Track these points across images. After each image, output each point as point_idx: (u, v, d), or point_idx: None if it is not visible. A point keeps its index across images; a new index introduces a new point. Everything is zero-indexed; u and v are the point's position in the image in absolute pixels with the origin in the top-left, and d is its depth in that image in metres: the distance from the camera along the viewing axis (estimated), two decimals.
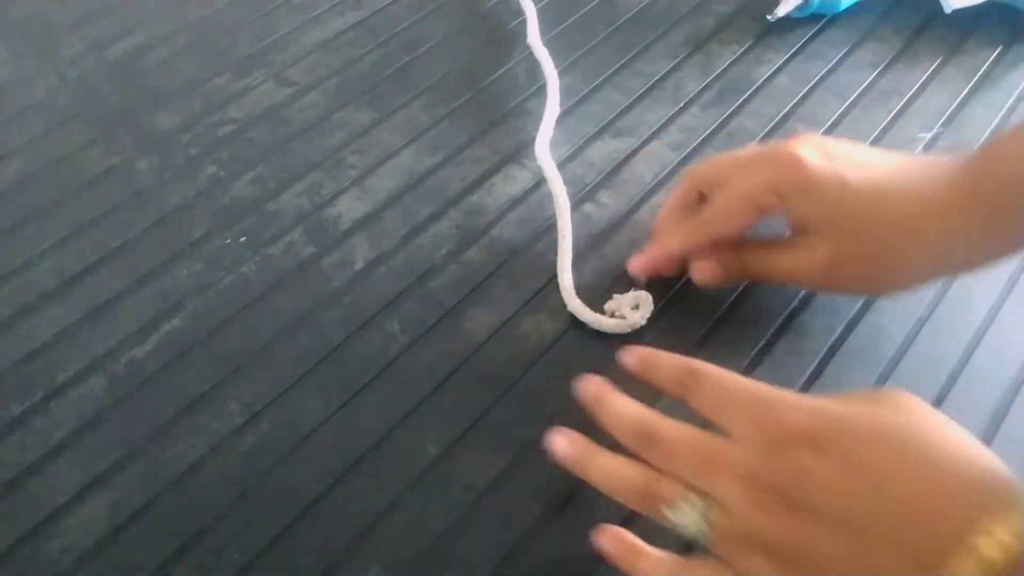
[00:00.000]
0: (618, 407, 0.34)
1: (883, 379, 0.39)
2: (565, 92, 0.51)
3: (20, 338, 0.41)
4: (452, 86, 0.52)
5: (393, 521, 0.35)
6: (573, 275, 0.42)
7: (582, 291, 0.41)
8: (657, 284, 0.42)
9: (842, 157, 0.37)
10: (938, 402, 0.38)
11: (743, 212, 0.38)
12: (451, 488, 0.36)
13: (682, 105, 0.51)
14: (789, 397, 0.31)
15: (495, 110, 0.51)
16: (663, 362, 0.35)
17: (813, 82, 0.51)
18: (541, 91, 0.51)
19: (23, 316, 0.42)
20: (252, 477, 0.36)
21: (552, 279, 0.42)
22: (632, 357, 0.36)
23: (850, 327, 0.41)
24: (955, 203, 0.35)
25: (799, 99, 0.51)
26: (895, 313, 0.41)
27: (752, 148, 0.40)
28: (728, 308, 0.41)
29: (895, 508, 0.27)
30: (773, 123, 0.49)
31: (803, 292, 0.42)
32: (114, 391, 0.39)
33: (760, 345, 0.40)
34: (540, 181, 0.47)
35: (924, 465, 0.27)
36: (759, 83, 0.52)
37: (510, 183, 0.47)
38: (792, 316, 0.41)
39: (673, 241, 0.41)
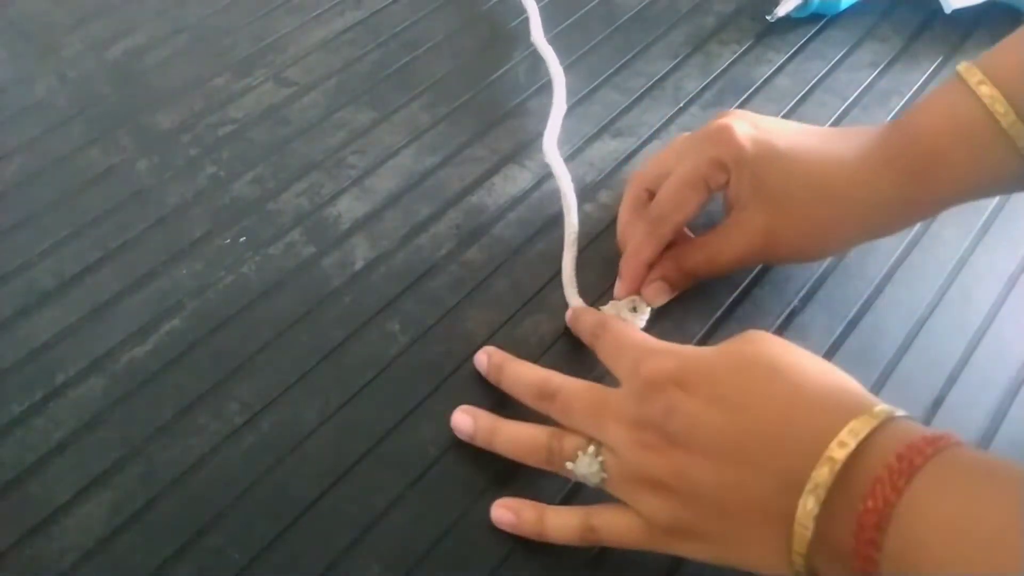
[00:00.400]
0: (520, 371, 0.37)
1: (883, 379, 0.39)
2: (566, 91, 0.51)
3: (20, 338, 0.41)
4: (452, 86, 0.52)
5: (393, 521, 0.35)
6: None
7: (582, 291, 0.41)
8: None
9: (771, 128, 0.39)
10: (938, 402, 0.38)
11: (695, 193, 0.39)
12: (451, 488, 0.36)
13: (682, 105, 0.51)
14: (666, 345, 0.34)
15: (495, 110, 0.51)
16: (585, 316, 0.39)
17: (813, 82, 0.51)
18: (541, 90, 0.51)
19: (23, 316, 0.42)
20: (252, 477, 0.36)
21: (552, 278, 0.42)
22: (569, 314, 0.40)
23: (850, 327, 0.41)
24: (879, 171, 0.37)
25: (799, 99, 0.51)
26: (895, 313, 0.41)
27: (684, 135, 0.43)
28: (727, 309, 0.42)
29: (758, 430, 0.29)
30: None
31: (803, 292, 0.42)
32: (114, 391, 0.39)
33: None
34: (540, 181, 0.47)
35: (781, 388, 0.30)
36: (759, 83, 0.52)
37: (510, 183, 0.47)
38: (792, 316, 0.41)
39: (642, 248, 0.41)
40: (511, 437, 0.36)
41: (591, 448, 0.33)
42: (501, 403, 0.38)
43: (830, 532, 0.27)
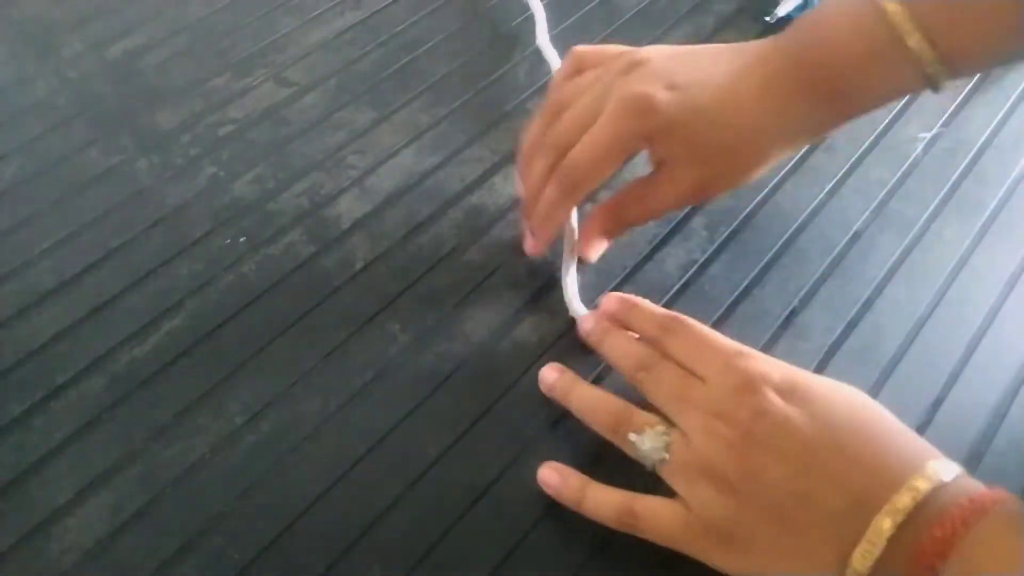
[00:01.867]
0: (623, 342, 0.37)
1: (883, 379, 0.39)
2: None
3: (20, 338, 0.41)
4: (452, 86, 0.52)
5: (393, 521, 0.35)
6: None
7: (581, 291, 0.41)
8: (656, 286, 0.42)
9: (688, 83, 0.37)
10: (938, 402, 0.38)
11: (613, 162, 0.39)
12: (451, 488, 0.36)
13: None
14: (760, 353, 0.34)
15: (495, 110, 0.51)
16: (645, 307, 0.38)
17: None
18: (542, 91, 0.51)
19: (23, 316, 0.42)
20: (252, 477, 0.36)
21: (552, 278, 0.42)
22: (615, 302, 0.39)
23: (850, 327, 0.41)
24: (791, 100, 0.37)
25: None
26: (895, 313, 0.41)
27: (615, 57, 0.40)
28: (728, 308, 0.42)
29: (845, 449, 0.30)
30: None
31: (803, 291, 0.42)
32: (114, 391, 0.39)
33: (760, 345, 0.40)
34: None
35: (875, 425, 0.31)
36: None
37: (510, 183, 0.47)
38: (792, 316, 0.41)
39: (556, 211, 0.40)
40: (585, 398, 0.37)
41: (660, 427, 0.34)
42: (502, 408, 0.38)
43: (888, 555, 0.28)
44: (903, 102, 0.50)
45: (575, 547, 0.34)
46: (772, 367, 0.33)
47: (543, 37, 0.52)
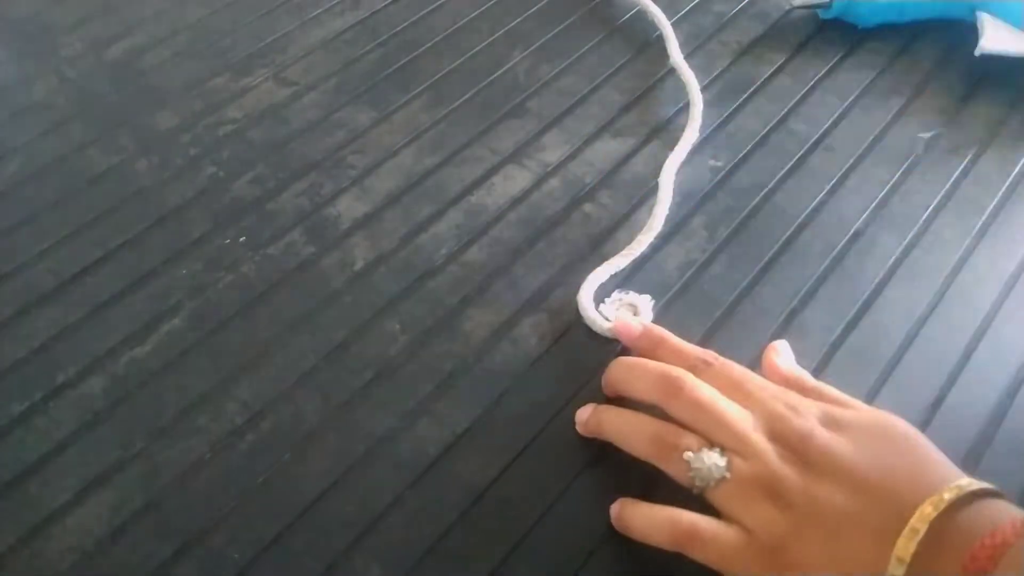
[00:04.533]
0: (646, 365, 0.36)
1: (883, 379, 0.39)
2: (564, 93, 0.51)
3: (20, 338, 0.41)
4: (452, 86, 0.52)
5: (393, 521, 0.35)
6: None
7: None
8: (656, 286, 0.42)
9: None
10: (938, 402, 0.38)
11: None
12: (451, 488, 0.36)
13: (682, 105, 0.50)
14: (796, 393, 0.35)
15: (495, 110, 0.51)
16: (673, 344, 0.38)
17: (813, 82, 0.51)
18: (541, 90, 0.51)
19: (22, 316, 0.41)
20: (252, 477, 0.36)
21: (552, 279, 0.42)
22: (638, 333, 0.39)
23: (850, 327, 0.41)
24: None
25: (799, 99, 0.51)
26: (895, 313, 0.41)
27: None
28: (728, 308, 0.41)
29: (889, 475, 0.31)
30: (773, 122, 0.49)
31: (803, 291, 0.42)
32: (114, 391, 0.39)
33: (761, 345, 0.40)
34: (540, 181, 0.47)
35: (913, 450, 0.32)
36: (759, 82, 0.52)
37: (510, 183, 0.47)
38: (792, 316, 0.41)
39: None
40: (619, 419, 0.36)
41: (716, 448, 0.33)
42: (502, 408, 0.38)
43: (931, 550, 0.28)
44: (903, 100, 0.50)
45: (576, 547, 0.34)
46: (812, 398, 0.34)
47: (677, 56, 0.52)
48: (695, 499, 0.33)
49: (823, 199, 0.46)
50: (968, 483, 0.30)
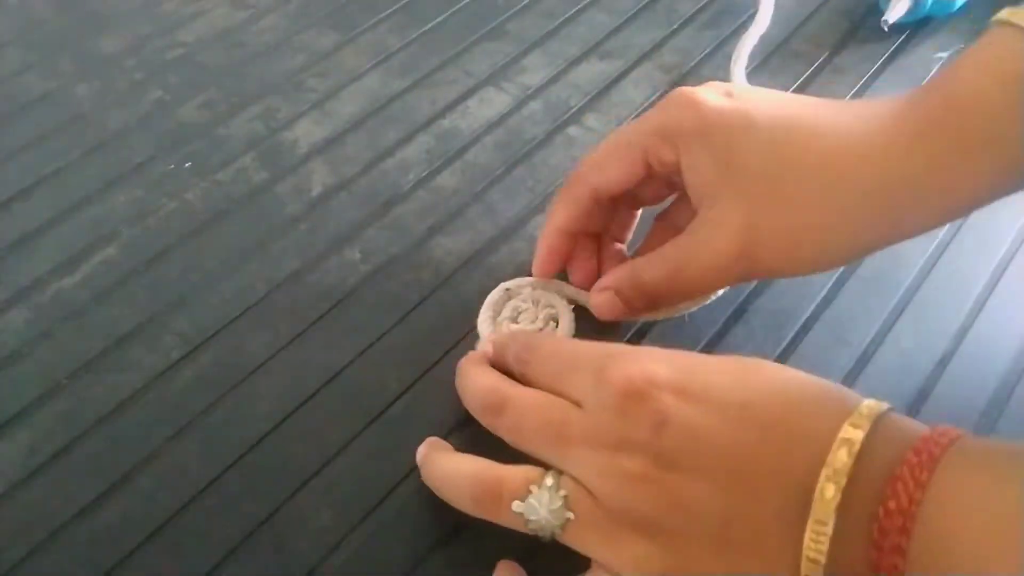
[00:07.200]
0: (474, 375, 0.30)
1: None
2: (546, 15, 0.47)
3: None
4: (424, 7, 0.48)
5: (347, 463, 0.31)
6: None
7: None
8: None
9: (747, 95, 0.30)
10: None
11: (623, 158, 0.31)
12: (413, 427, 0.32)
13: (675, 27, 0.46)
14: (628, 349, 0.28)
15: (470, 32, 0.46)
16: (507, 345, 0.31)
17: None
18: (521, 12, 0.47)
19: None
20: (188, 415, 0.32)
21: (534, 206, 0.38)
22: (489, 346, 0.32)
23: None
24: (899, 140, 0.28)
25: (804, 20, 0.47)
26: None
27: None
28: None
29: (768, 438, 0.24)
30: (774, 45, 0.45)
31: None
32: (37, 324, 0.35)
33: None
34: (520, 104, 0.43)
35: (778, 387, 0.25)
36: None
37: (486, 106, 0.43)
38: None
39: (553, 214, 0.33)
40: (439, 467, 0.29)
41: (548, 480, 0.26)
42: (473, 342, 0.34)
43: (846, 538, 0.22)
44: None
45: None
46: (652, 363, 0.26)
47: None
48: None
49: None
50: (858, 429, 0.23)
